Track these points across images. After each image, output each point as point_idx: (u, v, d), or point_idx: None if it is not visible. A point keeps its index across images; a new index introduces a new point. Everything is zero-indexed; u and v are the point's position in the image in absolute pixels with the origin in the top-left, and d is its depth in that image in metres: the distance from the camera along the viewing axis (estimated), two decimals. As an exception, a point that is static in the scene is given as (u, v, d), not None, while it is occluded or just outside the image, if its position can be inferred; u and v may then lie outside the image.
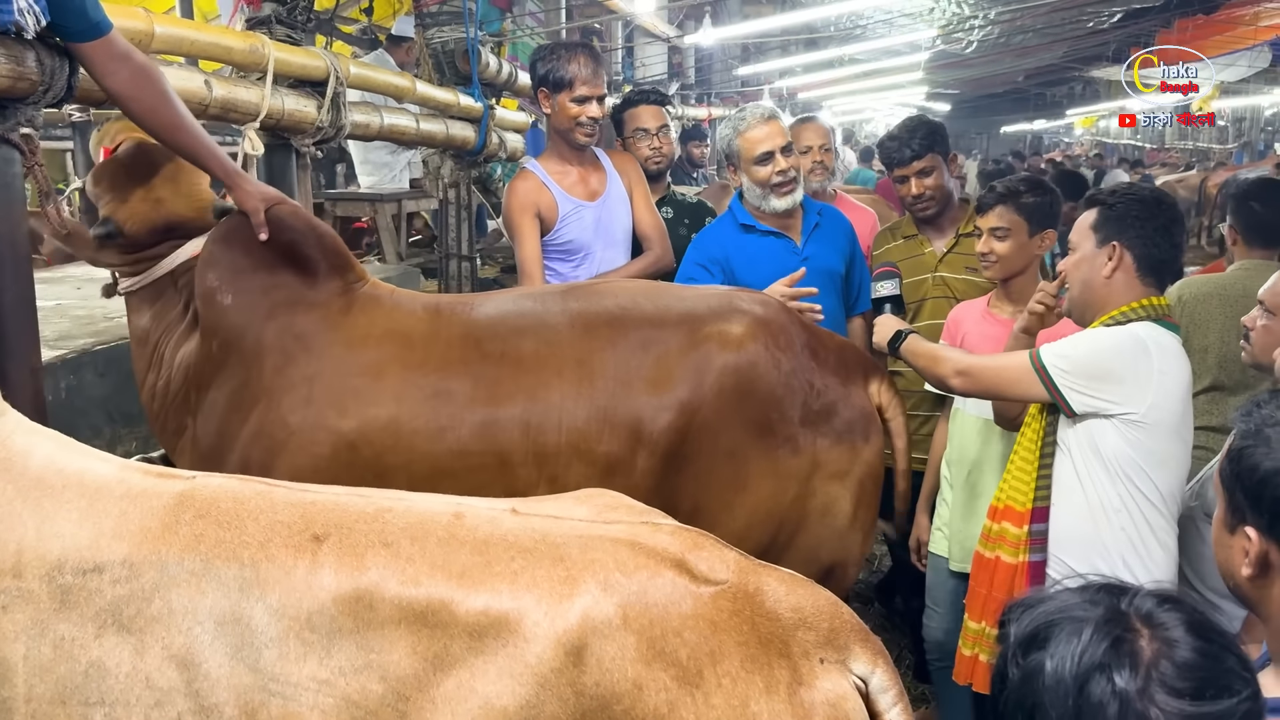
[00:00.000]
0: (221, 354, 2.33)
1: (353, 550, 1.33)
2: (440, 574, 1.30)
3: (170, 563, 1.36)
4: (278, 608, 1.31)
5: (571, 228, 3.24)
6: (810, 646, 1.30)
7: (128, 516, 1.41)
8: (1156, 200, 2.37)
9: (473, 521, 1.38)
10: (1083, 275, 2.38)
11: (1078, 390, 2.26)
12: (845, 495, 2.34)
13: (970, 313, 3.03)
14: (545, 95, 3.24)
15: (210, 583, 1.34)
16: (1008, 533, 2.40)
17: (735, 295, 2.45)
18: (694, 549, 1.35)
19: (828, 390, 2.34)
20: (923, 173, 3.35)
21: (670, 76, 10.69)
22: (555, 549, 1.33)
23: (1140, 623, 1.07)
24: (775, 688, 1.25)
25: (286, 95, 3.12)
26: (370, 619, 1.28)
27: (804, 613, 1.32)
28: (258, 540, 1.36)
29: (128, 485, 1.47)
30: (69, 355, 3.04)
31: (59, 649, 1.34)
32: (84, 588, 1.36)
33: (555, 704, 1.23)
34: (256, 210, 2.34)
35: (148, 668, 1.32)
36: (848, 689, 1.29)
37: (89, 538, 1.39)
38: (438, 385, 2.23)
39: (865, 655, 1.33)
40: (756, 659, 1.26)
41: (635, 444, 2.21)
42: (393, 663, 1.26)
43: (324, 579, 1.31)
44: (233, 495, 1.44)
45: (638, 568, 1.30)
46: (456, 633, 1.26)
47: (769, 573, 1.37)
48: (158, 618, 1.33)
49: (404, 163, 6.83)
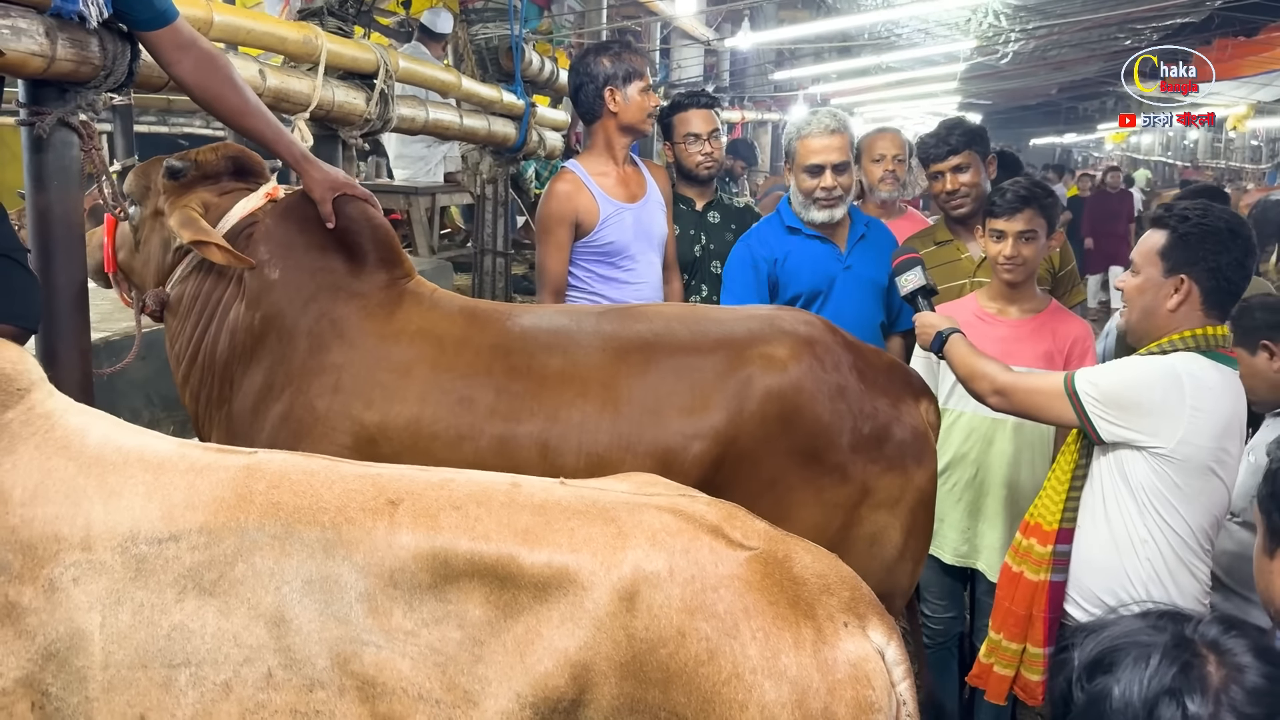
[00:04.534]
0: (262, 327, 2.32)
1: (426, 512, 1.43)
2: (506, 532, 1.40)
3: (250, 529, 1.42)
4: (363, 566, 1.39)
5: (612, 229, 3.21)
6: (834, 610, 1.40)
7: (197, 488, 1.46)
8: (1232, 231, 2.23)
9: (529, 490, 1.49)
10: (1145, 303, 2.28)
11: (1106, 419, 2.22)
12: (895, 524, 2.24)
13: (961, 314, 2.89)
14: (614, 92, 3.19)
15: (294, 545, 1.41)
16: (1033, 550, 2.38)
17: (778, 315, 2.37)
18: (729, 518, 1.47)
19: (878, 413, 2.23)
20: (959, 169, 3.31)
21: (705, 79, 10.70)
22: (606, 512, 1.44)
23: (1207, 649, 1.08)
24: (803, 644, 1.35)
25: (337, 87, 3.14)
26: (447, 573, 1.38)
27: (828, 580, 1.43)
28: (335, 505, 1.44)
29: (190, 460, 1.51)
30: (111, 338, 3.07)
31: (138, 615, 1.40)
32: (160, 556, 1.42)
33: (609, 645, 1.34)
34: (324, 199, 2.33)
35: (234, 628, 1.39)
36: (870, 651, 1.38)
37: (160, 509, 1.44)
38: (462, 392, 2.19)
39: (883, 627, 1.42)
40: (786, 617, 1.36)
41: (663, 473, 2.06)
42: (468, 611, 1.37)
43: (403, 538, 1.40)
44: (301, 468, 1.51)
45: (680, 531, 1.41)
46: (524, 584, 1.37)
47: (796, 542, 1.49)
48: (242, 580, 1.40)
49: (439, 157, 6.84)
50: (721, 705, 1.33)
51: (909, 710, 1.41)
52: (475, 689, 1.36)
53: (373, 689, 1.37)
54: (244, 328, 2.35)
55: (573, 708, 1.35)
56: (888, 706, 1.38)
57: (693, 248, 3.65)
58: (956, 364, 2.52)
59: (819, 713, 1.33)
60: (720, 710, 1.33)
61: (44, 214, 2.33)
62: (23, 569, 1.42)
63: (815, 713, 1.33)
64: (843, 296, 3.16)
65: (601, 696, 1.35)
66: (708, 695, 1.33)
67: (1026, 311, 2.94)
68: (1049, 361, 2.83)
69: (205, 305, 2.43)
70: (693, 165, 3.67)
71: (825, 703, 1.34)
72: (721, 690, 1.33)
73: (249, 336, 2.34)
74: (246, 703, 1.38)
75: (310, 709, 1.38)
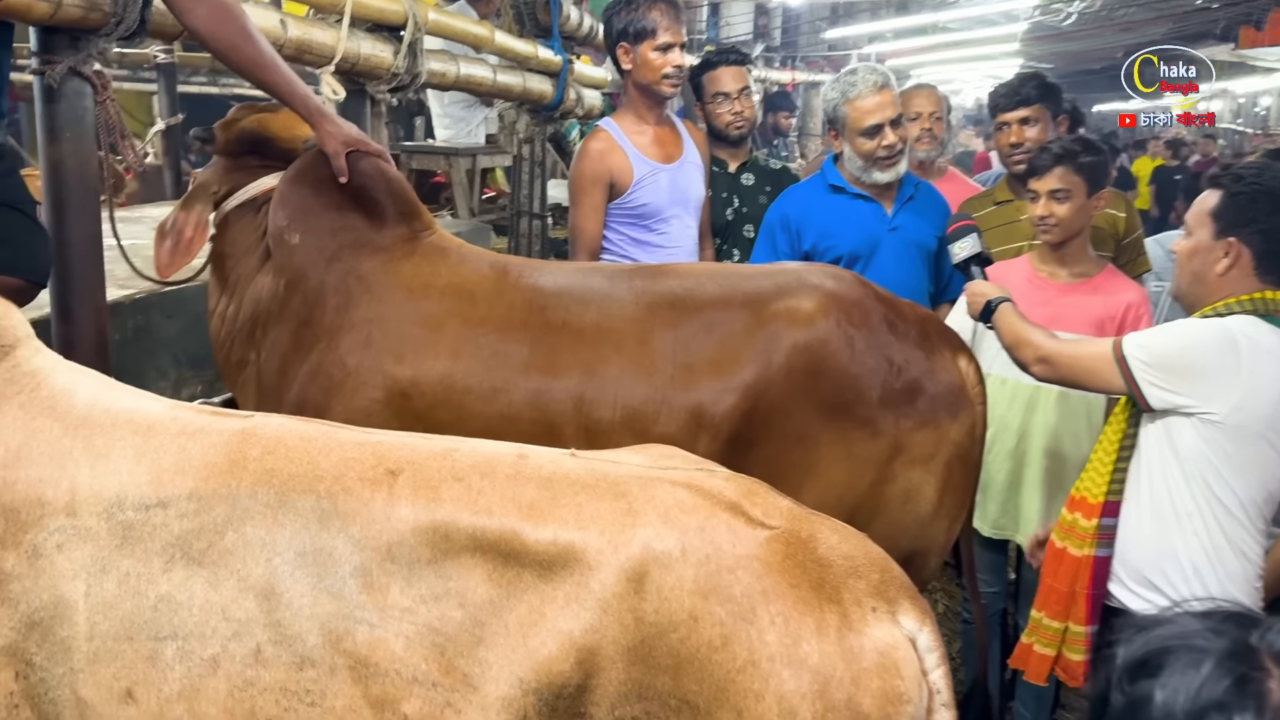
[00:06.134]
0: (287, 293, 2.33)
1: (427, 484, 1.36)
2: (511, 506, 1.34)
3: (243, 496, 1.36)
4: (359, 539, 1.33)
5: (646, 191, 3.14)
6: (861, 595, 1.32)
7: (188, 452, 1.41)
8: None
9: (536, 461, 1.42)
10: (1194, 267, 2.21)
11: (1156, 384, 2.14)
12: (929, 480, 2.20)
13: (1013, 276, 2.85)
14: (625, 50, 3.13)
15: (287, 515, 1.36)
16: (1078, 524, 2.31)
17: (805, 270, 2.36)
18: (748, 495, 1.39)
19: (910, 366, 2.19)
20: (1026, 121, 3.19)
21: (755, 37, 10.44)
22: (616, 486, 1.37)
23: (1272, 661, 0.93)
24: (826, 630, 1.28)
25: (363, 39, 3.05)
26: (447, 548, 1.32)
27: (855, 561, 1.35)
28: (332, 474, 1.38)
29: (182, 423, 1.46)
30: (137, 295, 3.03)
31: (124, 584, 1.35)
32: (147, 523, 1.37)
33: (616, 628, 1.27)
34: (337, 153, 2.29)
35: (223, 600, 1.33)
36: (899, 638, 1.31)
37: (149, 474, 1.40)
38: (496, 345, 2.18)
39: (915, 612, 1.34)
40: (808, 601, 1.29)
41: (696, 427, 2.12)
42: (469, 589, 1.31)
43: (402, 511, 1.34)
44: (298, 434, 1.45)
45: (695, 508, 1.34)
46: (528, 561, 1.31)
47: (821, 521, 1.40)
48: (232, 550, 1.35)
49: (481, 118, 6.74)
50: (736, 694, 1.25)
51: (944, 699, 1.34)
52: (475, 672, 1.30)
53: (365, 669, 1.31)
54: (270, 294, 2.37)
55: (577, 694, 1.29)
56: (918, 697, 1.31)
57: (725, 211, 3.55)
58: (1003, 331, 2.46)
59: (842, 704, 1.26)
60: (734, 700, 1.25)
61: (57, 166, 2.30)
62: (4, 534, 1.38)
63: (838, 704, 1.26)
64: (887, 260, 3.02)
65: (608, 682, 1.28)
66: (721, 683, 1.26)
67: (1077, 275, 2.85)
68: (1099, 328, 2.75)
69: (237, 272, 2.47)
70: (723, 125, 3.56)
71: (849, 693, 1.26)
72: (736, 679, 1.25)
73: (275, 302, 2.36)
74: (234, 679, 1.33)
75: (300, 688, 1.33)
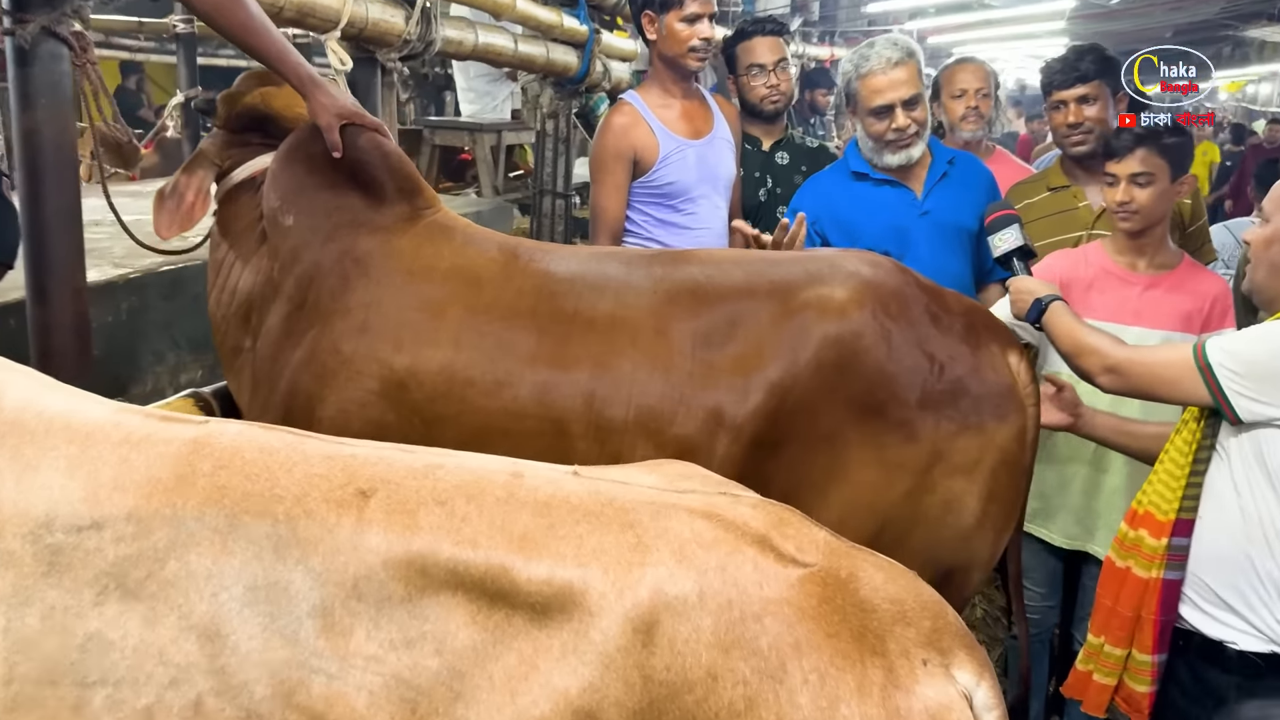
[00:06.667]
0: (281, 276, 2.21)
1: (403, 507, 1.19)
2: (500, 536, 1.17)
3: (188, 519, 1.20)
4: (320, 572, 1.17)
5: (673, 168, 2.97)
6: (910, 645, 1.14)
7: (131, 465, 1.24)
8: None
9: (533, 482, 1.24)
10: (1274, 257, 2.03)
11: (1247, 395, 1.95)
12: (973, 490, 2.02)
13: (1082, 269, 2.64)
14: (650, 19, 2.97)
15: (238, 542, 1.19)
16: (1144, 543, 2.11)
17: (840, 256, 2.19)
18: (779, 526, 1.20)
19: (954, 364, 2.02)
20: (1085, 99, 2.97)
21: (793, 11, 10.15)
22: (624, 515, 1.20)
23: None
24: (869, 689, 1.10)
25: (371, 2, 2.86)
26: (424, 585, 1.16)
27: (904, 606, 1.16)
28: (293, 494, 1.21)
29: (126, 430, 1.28)
30: (132, 274, 2.88)
31: (48, 619, 1.18)
32: (79, 547, 1.20)
33: (620, 688, 1.11)
34: (331, 126, 2.14)
35: (161, 640, 1.17)
36: (954, 697, 1.12)
37: (83, 490, 1.22)
38: (501, 334, 2.03)
39: (971, 665, 1.16)
40: (848, 654, 1.11)
41: (715, 428, 1.97)
42: (448, 634, 1.15)
43: (372, 539, 1.17)
44: (258, 445, 1.27)
45: (716, 542, 1.16)
46: (518, 602, 1.14)
47: (864, 557, 1.22)
48: (173, 582, 1.18)
49: (506, 92, 6.60)
50: None
51: None
52: None
53: None
54: (264, 278, 2.25)
55: None
56: None
57: (758, 191, 3.37)
58: (1059, 336, 2.26)
59: None
60: None
61: (31, 135, 2.15)
62: (-89, 557, 1.20)
63: None
64: (920, 248, 2.78)
65: None
66: None
67: (1159, 267, 2.65)
68: (1187, 323, 2.57)
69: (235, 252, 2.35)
70: (757, 99, 3.37)
71: None
72: None
73: (269, 286, 2.23)
74: None
75: None
